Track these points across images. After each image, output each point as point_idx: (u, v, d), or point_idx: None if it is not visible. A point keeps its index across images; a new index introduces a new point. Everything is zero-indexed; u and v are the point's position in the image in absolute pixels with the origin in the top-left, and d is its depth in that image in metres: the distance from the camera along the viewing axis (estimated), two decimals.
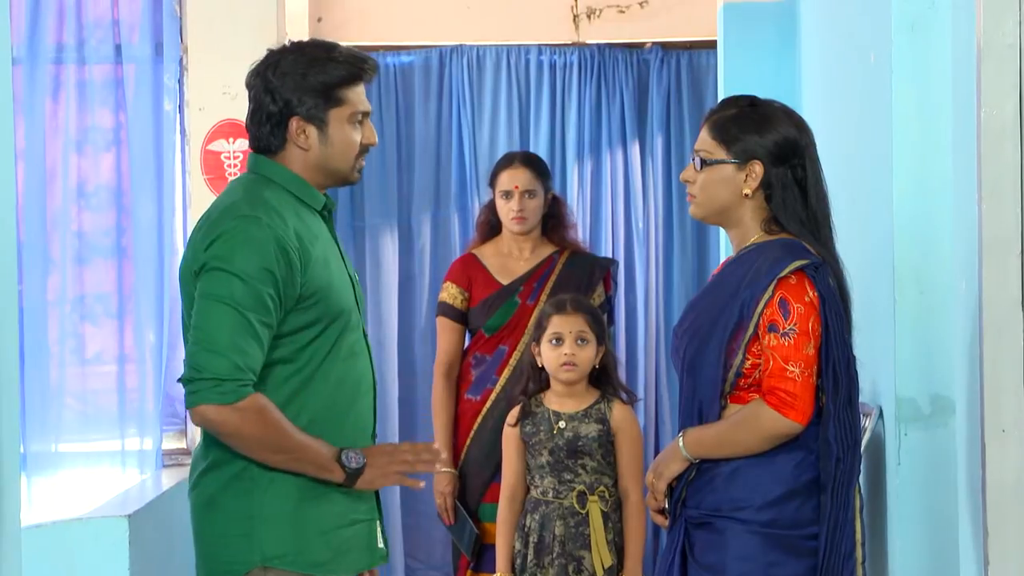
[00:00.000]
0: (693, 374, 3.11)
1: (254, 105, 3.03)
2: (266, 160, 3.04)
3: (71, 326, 5.30)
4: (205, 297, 2.86)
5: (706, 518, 3.08)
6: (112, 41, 5.27)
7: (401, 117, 6.22)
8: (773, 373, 3.01)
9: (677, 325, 3.23)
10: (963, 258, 3.06)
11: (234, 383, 2.82)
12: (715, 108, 3.20)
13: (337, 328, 2.99)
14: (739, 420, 3.04)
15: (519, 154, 4.92)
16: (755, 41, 5.57)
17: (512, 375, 4.64)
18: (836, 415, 3.03)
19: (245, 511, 2.93)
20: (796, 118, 3.17)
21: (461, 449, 4.72)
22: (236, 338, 2.82)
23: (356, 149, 3.06)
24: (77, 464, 5.16)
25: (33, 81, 5.22)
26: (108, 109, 5.28)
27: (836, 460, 3.02)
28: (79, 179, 5.26)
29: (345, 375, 3.01)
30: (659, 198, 6.19)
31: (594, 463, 4.13)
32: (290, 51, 3.03)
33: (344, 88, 3.02)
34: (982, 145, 2.86)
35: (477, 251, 4.86)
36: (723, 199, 3.13)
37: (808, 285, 3.04)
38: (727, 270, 3.17)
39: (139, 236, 5.20)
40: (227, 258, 2.86)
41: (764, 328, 3.03)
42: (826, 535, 3.01)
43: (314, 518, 2.95)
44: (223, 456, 2.94)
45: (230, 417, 2.83)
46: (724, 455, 3.06)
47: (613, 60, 6.19)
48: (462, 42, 6.22)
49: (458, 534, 4.69)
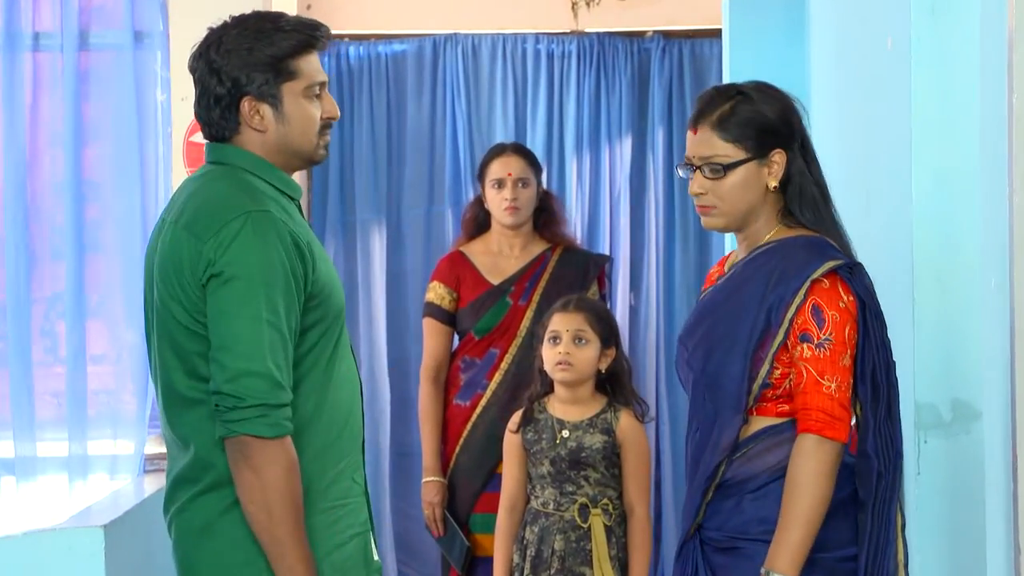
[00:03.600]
0: (713, 388, 2.88)
1: (199, 89, 2.78)
2: (230, 148, 2.79)
3: (49, 324, 5.19)
4: (230, 308, 2.61)
5: (732, 542, 2.86)
6: (92, 29, 5.18)
7: (393, 108, 6.09)
8: (807, 389, 2.80)
9: (685, 335, 2.99)
10: (992, 255, 2.88)
11: (280, 412, 2.61)
12: (703, 107, 2.92)
13: (337, 327, 2.78)
14: (796, 485, 2.77)
15: (510, 144, 4.82)
16: (762, 28, 5.43)
17: (504, 379, 4.50)
18: (876, 427, 2.82)
19: (248, 537, 2.69)
20: (781, 91, 2.95)
21: (450, 457, 4.58)
22: (272, 354, 2.61)
23: (316, 124, 2.81)
24: (55, 469, 5.06)
25: (12, 70, 5.11)
26: (87, 99, 5.18)
27: (878, 475, 2.81)
28: (60, 172, 5.14)
29: (344, 377, 2.81)
30: (660, 192, 6.07)
31: (598, 475, 3.98)
32: (232, 26, 2.77)
33: (295, 59, 2.76)
34: (1014, 134, 2.67)
35: (465, 249, 4.71)
36: (750, 201, 2.90)
37: (843, 288, 2.83)
38: (743, 271, 2.94)
39: (117, 230, 5.07)
40: (247, 263, 2.61)
41: (795, 337, 2.81)
42: (867, 557, 2.81)
43: (316, 539, 2.73)
44: (223, 477, 2.70)
45: (266, 457, 2.60)
46: (816, 527, 2.76)
47: (613, 49, 6.07)
48: (456, 30, 6.09)
49: (447, 547, 4.53)
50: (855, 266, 2.85)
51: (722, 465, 2.86)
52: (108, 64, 5.17)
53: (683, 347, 2.98)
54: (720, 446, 2.85)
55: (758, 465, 2.85)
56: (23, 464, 5.07)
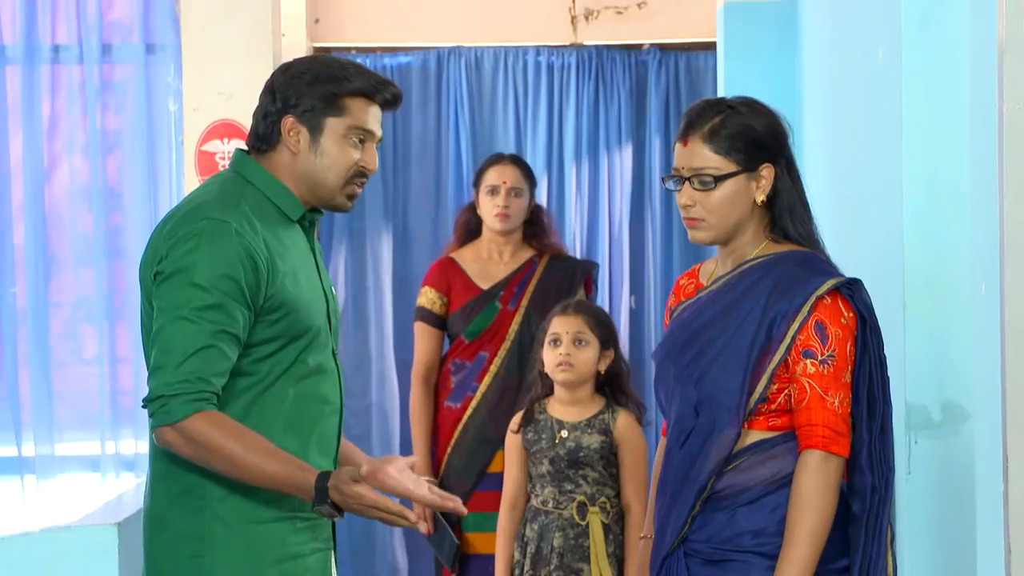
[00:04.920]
0: (709, 403, 2.76)
1: (258, 104, 2.77)
2: (250, 160, 2.75)
3: (72, 327, 5.18)
4: (163, 310, 2.59)
5: (723, 554, 2.75)
6: (108, 41, 5.16)
7: (399, 118, 6.05)
8: (811, 405, 2.70)
9: (675, 352, 2.84)
10: (983, 260, 2.83)
11: (178, 399, 2.54)
12: (692, 120, 2.80)
13: (300, 345, 2.69)
14: (803, 502, 2.68)
15: (508, 154, 4.78)
16: (756, 41, 5.38)
17: (493, 382, 4.46)
18: (871, 442, 2.73)
19: (196, 531, 2.64)
20: (769, 109, 2.85)
21: (441, 458, 4.54)
22: (188, 348, 2.55)
23: (348, 169, 2.74)
24: (77, 468, 5.04)
25: (31, 82, 5.09)
26: (105, 110, 5.16)
27: (872, 489, 2.73)
28: (79, 181, 5.12)
29: (307, 394, 2.71)
30: (657, 201, 6.01)
31: (596, 474, 3.92)
32: (308, 59, 2.78)
33: (349, 98, 2.71)
34: (1005, 142, 2.62)
35: (456, 255, 4.66)
36: (737, 215, 2.79)
37: (843, 305, 2.74)
38: (736, 285, 2.82)
39: (135, 237, 5.06)
40: (189, 264, 2.58)
41: (797, 353, 2.72)
42: (859, 569, 2.73)
43: (270, 544, 2.67)
44: (167, 468, 2.67)
45: (177, 440, 2.55)
46: (823, 542, 2.69)
47: (611, 61, 6.02)
48: (460, 43, 6.05)
49: (437, 544, 4.46)
50: (855, 283, 2.77)
51: (712, 478, 2.75)
52: (123, 76, 5.16)
53: (670, 364, 2.85)
54: (714, 460, 2.75)
55: (751, 478, 2.75)
56: (43, 463, 5.05)
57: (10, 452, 5.05)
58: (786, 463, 2.74)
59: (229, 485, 2.63)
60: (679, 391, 2.82)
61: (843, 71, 4.26)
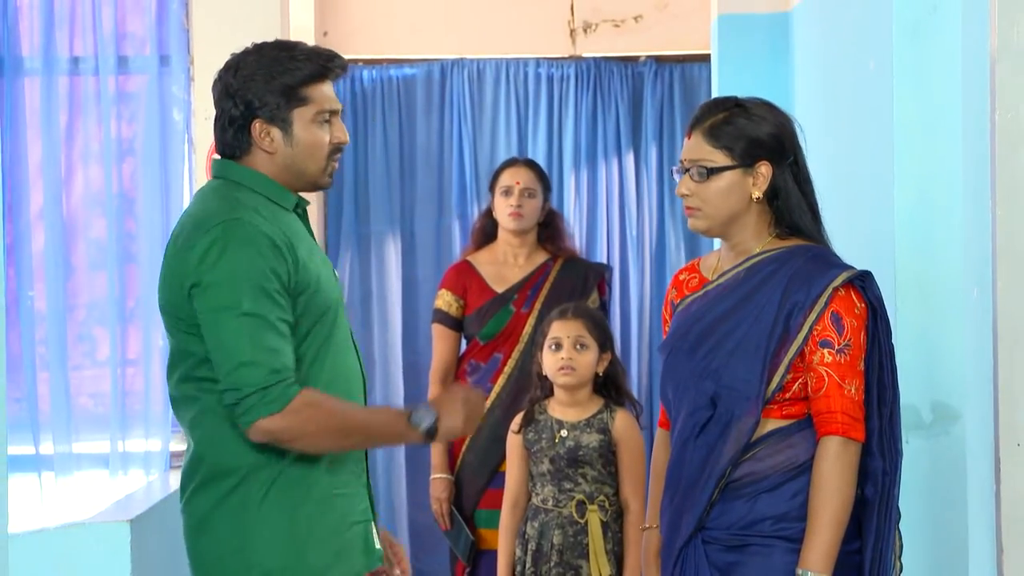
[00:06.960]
0: (729, 394, 2.72)
1: (217, 110, 2.74)
2: (232, 164, 2.74)
3: (86, 330, 5.12)
4: (213, 312, 2.56)
5: (743, 539, 2.71)
6: (123, 53, 5.14)
7: (404, 128, 5.99)
8: (830, 393, 2.67)
9: (690, 347, 2.80)
10: (974, 266, 2.76)
11: (277, 387, 2.54)
12: (700, 115, 2.82)
13: (328, 321, 2.70)
14: (825, 487, 2.64)
15: (522, 158, 4.76)
16: (749, 52, 5.31)
17: (507, 383, 4.40)
18: (881, 428, 2.69)
19: (239, 529, 2.63)
20: (780, 110, 2.84)
21: (457, 455, 4.49)
22: (259, 342, 2.54)
23: (324, 149, 2.75)
24: (93, 465, 5.03)
25: (49, 93, 5.05)
26: (120, 120, 5.11)
27: (883, 473, 2.69)
28: (93, 188, 5.07)
29: (337, 371, 2.72)
30: (653, 206, 5.96)
31: (595, 472, 3.85)
32: (251, 53, 2.73)
33: (308, 87, 2.70)
34: (997, 150, 2.55)
35: (472, 258, 4.61)
36: (732, 207, 2.77)
37: (856, 296, 2.71)
38: (747, 279, 2.78)
39: (148, 242, 4.99)
40: (222, 267, 2.56)
41: (815, 343, 2.68)
42: (872, 550, 2.68)
43: (312, 525, 2.65)
44: (213, 473, 2.65)
45: (290, 422, 2.55)
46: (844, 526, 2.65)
47: (608, 73, 5.96)
48: (463, 55, 5.99)
49: (454, 539, 4.44)
50: (867, 275, 2.74)
51: (730, 466, 2.72)
52: (137, 86, 5.12)
53: (683, 358, 2.80)
54: (733, 448, 2.71)
55: (768, 465, 2.72)
56: (61, 460, 5.01)
57: (28, 450, 5.00)
58: (801, 450, 2.72)
59: (267, 484, 2.63)
60: (694, 384, 2.78)
61: (836, 81, 4.19)
